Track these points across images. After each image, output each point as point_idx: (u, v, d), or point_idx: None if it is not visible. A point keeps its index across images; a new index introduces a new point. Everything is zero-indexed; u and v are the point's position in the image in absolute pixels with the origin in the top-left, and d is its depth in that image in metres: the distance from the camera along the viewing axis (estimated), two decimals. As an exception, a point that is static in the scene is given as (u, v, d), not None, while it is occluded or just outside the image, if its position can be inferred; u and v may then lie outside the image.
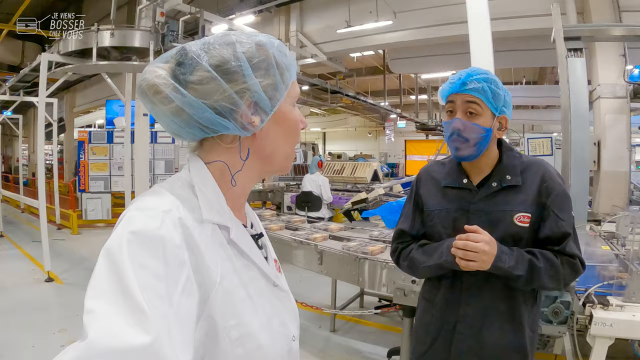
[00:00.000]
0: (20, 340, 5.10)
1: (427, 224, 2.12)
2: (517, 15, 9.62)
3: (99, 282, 0.78)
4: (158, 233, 0.84)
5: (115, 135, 12.95)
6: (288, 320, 1.11)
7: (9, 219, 14.01)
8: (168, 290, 0.79)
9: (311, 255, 4.50)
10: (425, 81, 22.05)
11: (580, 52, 4.53)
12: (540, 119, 20.03)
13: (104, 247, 0.82)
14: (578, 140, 4.40)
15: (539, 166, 1.99)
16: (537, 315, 2.09)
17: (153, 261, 0.80)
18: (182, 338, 0.78)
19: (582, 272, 1.96)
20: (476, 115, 1.92)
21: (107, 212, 12.86)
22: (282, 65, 1.05)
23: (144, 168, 8.62)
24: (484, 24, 5.07)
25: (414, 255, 2.10)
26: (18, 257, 9.38)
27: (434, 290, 2.12)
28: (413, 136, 28.06)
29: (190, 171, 1.05)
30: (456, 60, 13.22)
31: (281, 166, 1.15)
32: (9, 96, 13.59)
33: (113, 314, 0.72)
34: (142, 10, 7.91)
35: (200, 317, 0.88)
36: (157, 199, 0.94)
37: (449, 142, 1.99)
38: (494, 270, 1.84)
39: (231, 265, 0.98)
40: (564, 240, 1.89)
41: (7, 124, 16.46)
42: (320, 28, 13.48)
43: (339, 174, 11.42)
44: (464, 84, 1.91)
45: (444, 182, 2.10)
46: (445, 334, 2.04)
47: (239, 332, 0.93)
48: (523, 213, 1.92)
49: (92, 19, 16.83)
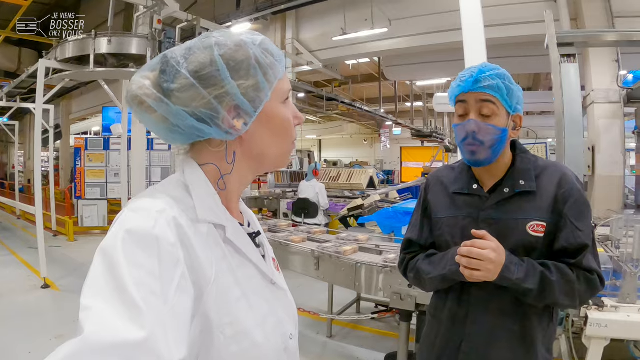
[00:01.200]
0: (17, 346, 5.06)
1: (435, 233, 1.96)
2: (511, 22, 9.70)
3: (94, 281, 0.79)
4: (152, 232, 0.85)
5: (111, 142, 12.92)
6: (285, 318, 1.11)
7: (5, 225, 13.98)
8: (163, 288, 0.80)
9: (308, 261, 4.48)
10: (420, 88, 22.17)
11: (574, 58, 4.53)
12: (535, 125, 20.04)
13: (99, 247, 0.84)
14: (572, 146, 4.39)
15: (556, 170, 1.81)
16: (552, 334, 1.86)
17: (148, 260, 0.81)
18: (176, 335, 0.79)
19: (600, 290, 1.75)
20: (491, 115, 1.74)
21: (103, 219, 12.82)
22: (264, 64, 1.03)
23: (140, 175, 8.62)
24: (478, 31, 5.10)
25: (419, 266, 1.95)
26: (14, 263, 9.32)
27: (440, 304, 1.94)
28: (408, 143, 28.06)
29: (184, 172, 1.06)
30: (451, 67, 13.29)
31: (274, 164, 1.15)
32: (6, 102, 13.59)
33: (108, 311, 0.73)
34: (140, 17, 7.95)
35: (195, 315, 0.88)
36: (151, 200, 0.95)
37: (463, 146, 1.81)
38: (501, 282, 1.65)
39: (227, 264, 0.98)
40: (581, 253, 1.69)
41: (3, 130, 16.43)
42: (316, 35, 13.55)
43: (335, 180, 11.44)
44: (477, 82, 1.72)
45: (452, 187, 1.93)
46: (450, 352, 1.86)
47: (234, 330, 0.94)
48: (537, 221, 1.73)
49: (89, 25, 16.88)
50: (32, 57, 17.46)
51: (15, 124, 17.35)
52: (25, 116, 22.21)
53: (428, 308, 2.08)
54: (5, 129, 16.77)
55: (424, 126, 21.41)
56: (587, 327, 2.54)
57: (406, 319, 3.68)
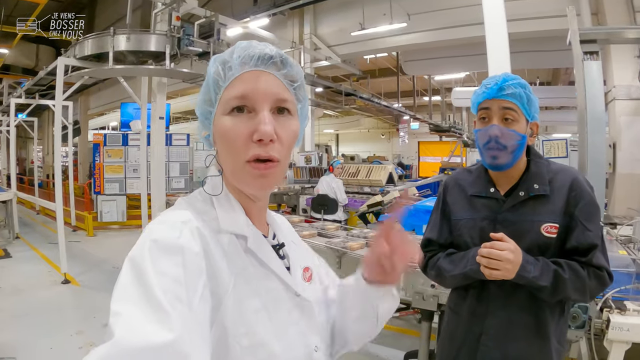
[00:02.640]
0: (38, 341, 5.12)
1: (454, 233, 2.08)
2: (531, 16, 9.60)
3: (123, 287, 0.80)
4: (177, 242, 0.87)
5: (130, 138, 13.03)
6: (308, 330, 1.10)
7: (25, 220, 14.10)
8: (188, 295, 0.81)
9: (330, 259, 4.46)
10: (438, 82, 22.07)
11: (597, 55, 4.51)
12: (555, 120, 19.87)
13: (127, 256, 0.85)
14: (594, 143, 4.39)
15: (568, 174, 1.93)
16: (564, 327, 2.02)
17: (174, 268, 0.82)
18: (201, 341, 0.80)
19: (609, 285, 1.89)
20: (512, 121, 1.86)
21: (122, 214, 12.94)
22: (211, 75, 1.02)
23: (160, 170, 8.68)
24: (500, 25, 5.07)
25: (440, 264, 2.06)
26: (34, 258, 9.43)
27: (460, 300, 2.08)
28: (426, 138, 27.93)
29: (209, 181, 1.09)
30: (470, 61, 13.24)
31: (239, 185, 1.04)
32: (25, 99, 13.72)
33: (137, 315, 0.75)
34: (158, 14, 7.96)
35: (213, 323, 0.89)
36: (176, 213, 0.97)
37: (485, 151, 1.92)
38: (518, 280, 1.79)
39: (246, 275, 0.98)
40: (591, 252, 1.83)
41: (21, 126, 16.58)
42: (334, 31, 13.53)
43: (354, 176, 11.37)
44: (501, 89, 1.85)
45: (470, 190, 2.05)
46: (470, 344, 2.00)
47: (250, 341, 0.93)
48: (550, 223, 1.86)
49: (104, 22, 17.04)
50: (49, 54, 17.70)
51: (34, 120, 17.52)
52: (44, 112, 22.41)
53: (447, 302, 2.23)
54: (24, 125, 16.92)
55: (442, 121, 21.28)
56: (609, 331, 2.53)
57: (428, 319, 3.65)
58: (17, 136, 14.93)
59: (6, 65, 18.41)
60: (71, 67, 8.12)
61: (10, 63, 18.79)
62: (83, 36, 8.09)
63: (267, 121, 0.95)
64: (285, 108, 1.01)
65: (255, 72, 0.99)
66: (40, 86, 12.52)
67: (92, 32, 8.34)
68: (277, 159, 0.98)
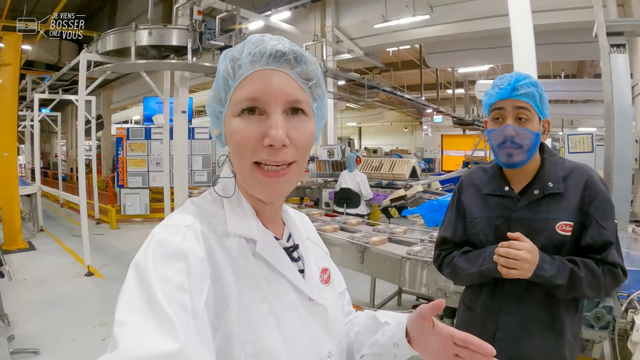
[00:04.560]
0: (62, 333, 5.18)
1: (469, 232, 2.09)
2: (556, 8, 9.45)
3: (127, 295, 0.79)
4: (181, 247, 0.85)
5: (152, 132, 13.15)
6: (322, 336, 1.05)
7: (49, 213, 14.32)
8: (192, 302, 0.80)
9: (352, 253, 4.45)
10: (462, 75, 21.90)
11: (623, 48, 4.44)
12: (580, 114, 19.62)
13: (133, 261, 0.84)
14: (621, 138, 4.33)
15: (582, 172, 1.93)
16: (579, 323, 2.04)
17: (177, 274, 0.81)
18: (205, 349, 0.79)
19: (623, 281, 1.90)
20: (526, 120, 1.87)
21: (145, 207, 13.08)
22: (220, 73, 0.98)
23: (182, 164, 8.71)
24: (525, 17, 4.99)
25: (456, 262, 2.07)
26: (58, 251, 9.56)
27: (474, 296, 2.10)
28: (450, 131, 27.86)
29: (220, 181, 1.05)
30: (494, 54, 13.09)
31: (250, 190, 1.01)
32: (48, 94, 13.88)
33: (142, 324, 0.74)
34: (179, 8, 7.97)
35: (218, 329, 0.87)
36: (181, 216, 0.94)
37: (500, 150, 1.93)
38: (535, 279, 1.80)
39: (254, 279, 0.95)
40: (606, 249, 1.84)
41: (45, 120, 16.79)
42: (356, 23, 13.46)
43: (377, 170, 11.30)
44: (515, 89, 1.85)
45: (485, 189, 2.06)
46: (485, 340, 1.96)
47: (255, 348, 0.90)
48: (565, 221, 1.87)
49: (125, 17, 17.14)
50: (72, 49, 17.81)
51: (57, 114, 17.72)
52: (67, 107, 22.68)
53: (462, 298, 2.23)
54: (48, 119, 17.16)
55: (465, 114, 21.11)
56: (633, 332, 2.45)
57: (449, 316, 3.63)
58: (41, 130, 15.13)
59: (29, 61, 18.57)
60: (93, 63, 8.20)
61: (33, 59, 18.96)
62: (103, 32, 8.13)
63: (278, 125, 0.90)
64: (299, 109, 0.95)
65: (267, 71, 0.93)
66: (64, 81, 12.69)
67: (113, 27, 8.38)
68: (290, 162, 0.94)
